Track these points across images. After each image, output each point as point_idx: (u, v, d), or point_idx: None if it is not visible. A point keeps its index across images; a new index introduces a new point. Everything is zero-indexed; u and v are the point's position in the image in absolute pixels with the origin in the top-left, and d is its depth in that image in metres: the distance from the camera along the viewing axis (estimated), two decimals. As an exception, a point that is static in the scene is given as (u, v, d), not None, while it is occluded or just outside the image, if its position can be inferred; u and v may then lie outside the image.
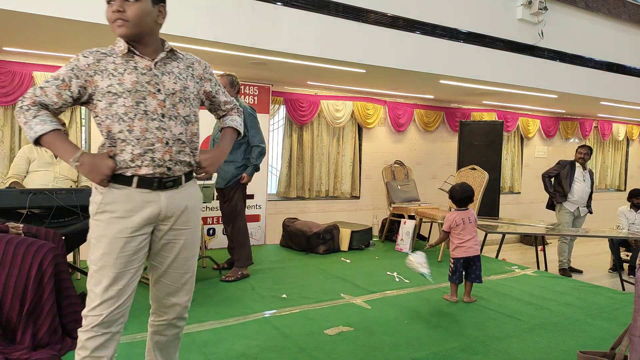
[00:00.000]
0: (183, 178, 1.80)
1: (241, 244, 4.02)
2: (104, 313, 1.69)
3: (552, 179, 6.13)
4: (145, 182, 1.70)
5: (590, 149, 6.17)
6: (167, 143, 1.71)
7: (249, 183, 4.01)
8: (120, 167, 1.67)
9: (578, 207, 6.04)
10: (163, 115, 1.71)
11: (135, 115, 1.66)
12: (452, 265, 3.61)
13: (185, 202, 1.81)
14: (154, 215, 1.72)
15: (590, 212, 6.20)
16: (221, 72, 3.96)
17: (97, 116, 1.70)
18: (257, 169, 4.01)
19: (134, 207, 1.69)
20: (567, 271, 5.94)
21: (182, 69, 1.81)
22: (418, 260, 3.35)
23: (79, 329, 1.73)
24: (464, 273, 3.62)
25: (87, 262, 1.74)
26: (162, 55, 1.77)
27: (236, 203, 3.99)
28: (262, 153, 3.95)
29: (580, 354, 2.26)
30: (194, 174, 1.89)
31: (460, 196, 3.73)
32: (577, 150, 6.15)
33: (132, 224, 1.69)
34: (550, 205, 6.24)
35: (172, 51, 1.81)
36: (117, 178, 1.68)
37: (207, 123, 4.08)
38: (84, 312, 1.71)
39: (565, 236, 5.99)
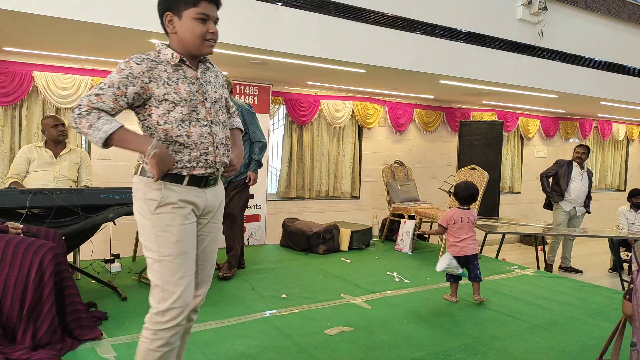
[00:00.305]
0: (219, 176, 1.95)
1: (230, 248, 4.10)
2: (187, 301, 1.77)
3: (550, 179, 6.16)
4: (195, 181, 1.82)
5: (588, 149, 6.18)
6: (216, 147, 1.85)
7: (254, 184, 4.06)
8: (177, 167, 1.77)
9: (574, 207, 6.05)
10: (211, 122, 1.84)
11: (190, 122, 1.78)
12: None
13: (220, 198, 1.97)
14: (201, 209, 1.86)
15: (588, 212, 6.20)
16: None
17: (148, 119, 1.78)
18: (259, 164, 4.07)
19: (189, 200, 1.80)
20: (550, 267, 5.94)
21: (214, 78, 1.94)
22: (451, 264, 3.47)
23: (152, 325, 1.76)
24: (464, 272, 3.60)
25: (151, 258, 1.76)
26: (203, 66, 1.89)
27: (237, 202, 4.00)
28: (264, 148, 4.05)
29: None
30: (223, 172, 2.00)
31: (464, 194, 3.72)
32: (574, 149, 6.19)
33: (190, 213, 1.81)
34: (548, 205, 6.26)
35: (208, 61, 1.93)
36: (171, 177, 1.77)
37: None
38: (161, 308, 1.74)
39: (560, 236, 5.99)
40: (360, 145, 6.89)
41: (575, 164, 6.10)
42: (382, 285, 4.01)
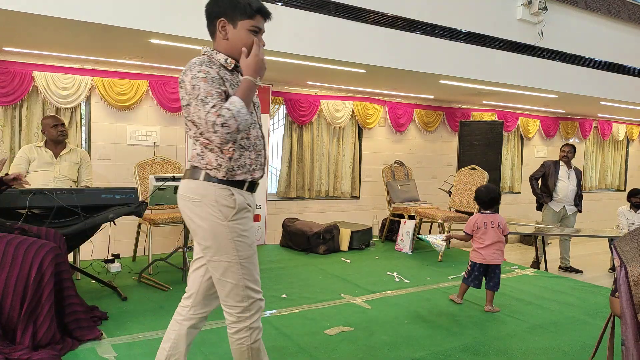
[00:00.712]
0: None
1: None
2: (261, 291, 1.89)
3: (539, 181, 6.18)
4: (251, 186, 1.87)
5: (574, 147, 6.20)
6: (265, 148, 1.94)
7: None
8: (241, 172, 1.82)
9: (564, 206, 6.05)
10: (259, 125, 1.93)
11: (250, 123, 1.82)
12: (469, 267, 3.51)
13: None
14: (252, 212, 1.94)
15: (580, 211, 6.20)
16: None
17: None
18: None
19: (250, 203, 1.88)
20: (535, 264, 5.92)
21: None
22: (434, 243, 3.52)
23: (243, 323, 1.83)
24: (483, 279, 3.48)
25: (226, 261, 1.79)
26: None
27: None
28: None
29: None
30: None
31: (485, 197, 3.58)
32: (561, 148, 6.22)
33: (252, 215, 1.90)
34: (539, 207, 6.28)
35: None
36: (237, 182, 1.81)
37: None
38: (246, 304, 1.82)
39: (560, 236, 5.99)
40: (360, 145, 6.89)
41: (562, 163, 6.11)
42: (382, 285, 4.01)
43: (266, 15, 1.86)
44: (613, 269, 6.36)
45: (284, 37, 4.11)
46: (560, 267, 6.26)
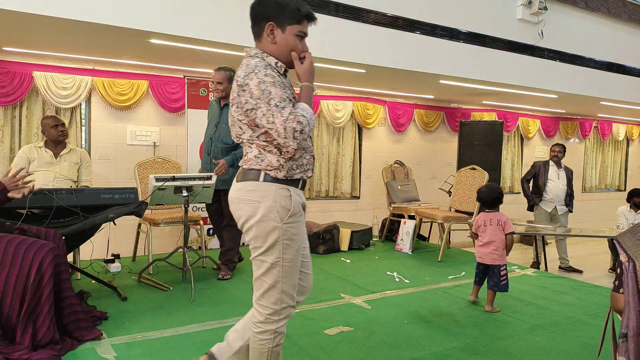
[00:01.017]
0: None
1: (229, 249, 4.09)
2: (297, 298, 1.92)
3: (530, 182, 6.19)
4: (303, 184, 1.94)
5: (564, 147, 6.20)
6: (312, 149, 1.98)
7: (223, 175, 3.77)
8: (299, 171, 1.87)
9: (555, 206, 6.05)
10: None
11: None
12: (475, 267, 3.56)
13: None
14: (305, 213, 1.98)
15: (571, 211, 6.20)
16: (219, 66, 3.92)
17: None
18: (235, 161, 3.79)
19: (303, 204, 1.92)
20: (535, 264, 5.92)
21: None
22: None
23: (270, 325, 1.84)
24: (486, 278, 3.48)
25: (268, 262, 1.81)
26: None
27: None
28: None
29: None
30: None
31: (487, 197, 3.55)
32: (550, 148, 6.23)
33: (304, 220, 1.92)
34: (531, 208, 6.28)
35: None
36: (290, 182, 1.85)
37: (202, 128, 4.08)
38: (278, 308, 1.83)
39: (561, 236, 5.99)
40: (360, 145, 6.89)
41: (552, 163, 6.12)
42: (382, 285, 4.01)
43: (313, 20, 1.88)
44: (613, 269, 6.36)
45: (284, 37, 4.11)
46: (560, 267, 6.26)
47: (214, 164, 3.83)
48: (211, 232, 5.20)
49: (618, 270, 1.78)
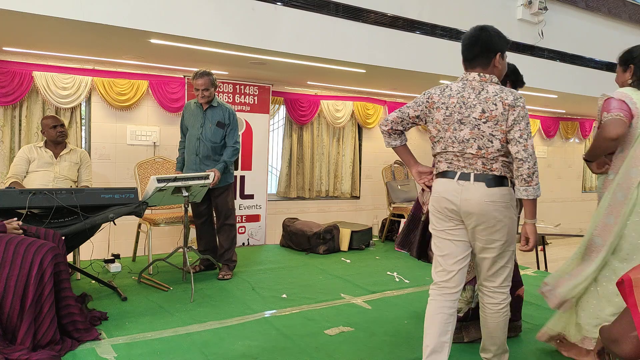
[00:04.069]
0: None
1: (229, 246, 4.09)
2: None
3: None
4: None
5: None
6: None
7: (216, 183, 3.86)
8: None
9: None
10: None
11: None
12: None
13: None
14: None
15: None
16: (198, 70, 3.92)
17: None
18: (228, 165, 3.97)
19: None
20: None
21: None
22: None
23: (506, 299, 2.24)
24: None
25: (512, 251, 2.22)
26: None
27: (227, 201, 4.00)
28: (236, 153, 4.01)
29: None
30: None
31: None
32: None
33: None
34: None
35: None
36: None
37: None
38: (508, 283, 2.27)
39: (561, 236, 5.98)
40: (360, 145, 6.89)
41: None
42: (382, 285, 4.01)
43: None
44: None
45: (284, 37, 4.11)
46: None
47: (203, 164, 3.94)
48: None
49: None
